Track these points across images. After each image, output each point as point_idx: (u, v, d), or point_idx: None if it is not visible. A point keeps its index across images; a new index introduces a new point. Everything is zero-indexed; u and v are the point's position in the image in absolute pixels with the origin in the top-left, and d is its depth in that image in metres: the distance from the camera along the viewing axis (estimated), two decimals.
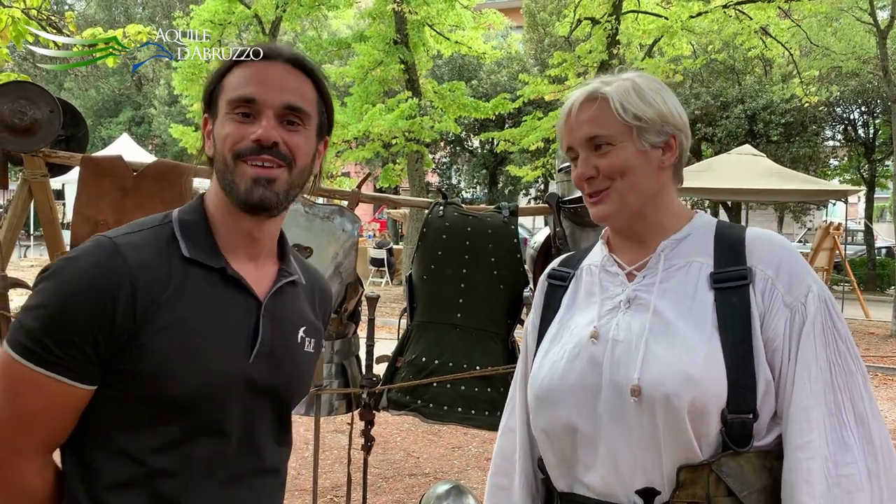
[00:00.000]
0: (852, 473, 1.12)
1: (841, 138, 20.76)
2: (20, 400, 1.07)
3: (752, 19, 12.52)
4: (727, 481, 1.13)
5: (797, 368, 1.16)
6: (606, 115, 1.26)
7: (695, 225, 1.30)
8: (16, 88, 2.90)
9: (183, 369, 1.09)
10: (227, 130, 1.15)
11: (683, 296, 1.22)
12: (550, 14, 20.57)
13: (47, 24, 7.56)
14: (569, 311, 1.36)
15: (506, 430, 1.46)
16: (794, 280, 1.20)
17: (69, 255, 1.11)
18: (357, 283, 2.85)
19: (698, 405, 1.13)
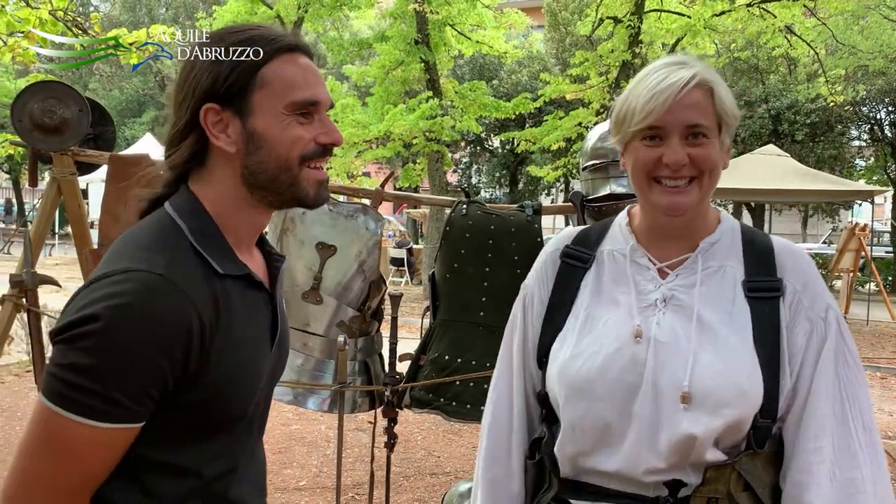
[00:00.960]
0: (856, 477, 1.19)
1: (867, 138, 20.46)
2: (76, 460, 1.00)
3: (777, 18, 12.37)
4: (747, 478, 1.20)
5: (815, 380, 1.22)
6: (709, 105, 1.24)
7: (724, 227, 1.31)
8: (45, 88, 2.94)
9: (238, 385, 1.10)
10: (294, 133, 1.10)
11: (723, 301, 1.24)
12: (572, 13, 20.48)
13: (73, 24, 7.67)
14: (595, 298, 1.33)
15: (499, 402, 1.43)
16: (816, 296, 1.25)
17: (116, 301, 0.97)
18: (380, 282, 2.86)
19: (745, 415, 1.19)
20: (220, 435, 1.12)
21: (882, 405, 7.18)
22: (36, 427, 0.99)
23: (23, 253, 3.01)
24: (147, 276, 1.00)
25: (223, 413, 1.10)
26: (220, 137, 1.10)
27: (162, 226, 1.10)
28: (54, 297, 9.37)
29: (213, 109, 1.10)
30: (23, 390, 6.48)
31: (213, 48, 1.11)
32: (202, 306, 1.03)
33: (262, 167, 1.10)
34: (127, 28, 7.09)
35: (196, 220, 1.11)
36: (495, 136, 22.00)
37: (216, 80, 1.09)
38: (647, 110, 1.22)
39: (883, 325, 12.26)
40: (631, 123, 1.25)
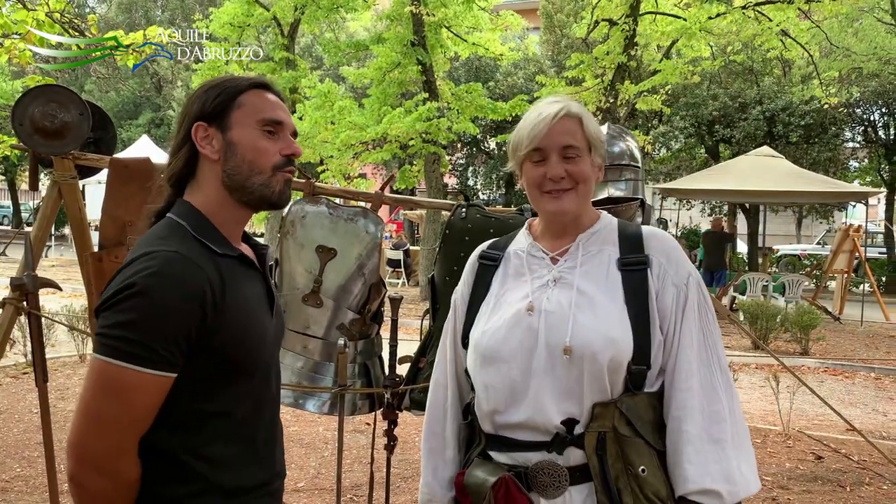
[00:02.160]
0: (719, 409, 1.50)
1: (861, 140, 20.54)
2: (132, 403, 1.27)
3: (772, 21, 12.42)
4: (627, 414, 1.49)
5: (681, 333, 1.53)
6: (580, 131, 1.58)
7: (602, 222, 1.65)
8: (46, 92, 2.96)
9: (245, 339, 1.38)
10: (262, 145, 1.43)
11: (599, 276, 1.56)
12: (567, 15, 20.52)
13: (70, 26, 7.68)
14: (502, 287, 1.65)
15: (436, 385, 1.77)
16: (679, 266, 1.57)
17: (147, 271, 1.27)
18: (380, 284, 2.88)
19: (616, 360, 1.48)
20: (241, 379, 1.40)
21: (876, 405, 7.23)
22: (91, 380, 1.27)
23: (23, 256, 3.02)
24: (167, 253, 1.30)
25: (239, 356, 1.38)
26: (207, 148, 1.42)
27: (169, 226, 1.41)
28: (52, 298, 9.36)
29: (202, 126, 1.42)
30: (20, 392, 6.48)
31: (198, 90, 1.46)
32: (211, 273, 1.33)
33: (237, 170, 1.42)
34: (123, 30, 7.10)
35: (193, 219, 1.41)
36: (491, 138, 22.01)
37: (205, 103, 1.43)
38: (531, 137, 1.57)
39: (877, 326, 12.33)
40: (520, 148, 1.60)
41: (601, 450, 1.47)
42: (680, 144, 20.30)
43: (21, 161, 20.41)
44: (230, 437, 1.39)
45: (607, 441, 1.47)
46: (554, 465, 1.48)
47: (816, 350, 9.78)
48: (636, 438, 1.49)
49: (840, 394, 7.62)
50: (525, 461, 1.51)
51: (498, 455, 1.57)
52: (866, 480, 4.89)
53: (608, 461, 1.47)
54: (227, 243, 1.42)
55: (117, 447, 1.28)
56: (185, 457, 1.34)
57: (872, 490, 4.73)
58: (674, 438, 1.51)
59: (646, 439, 1.50)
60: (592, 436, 1.47)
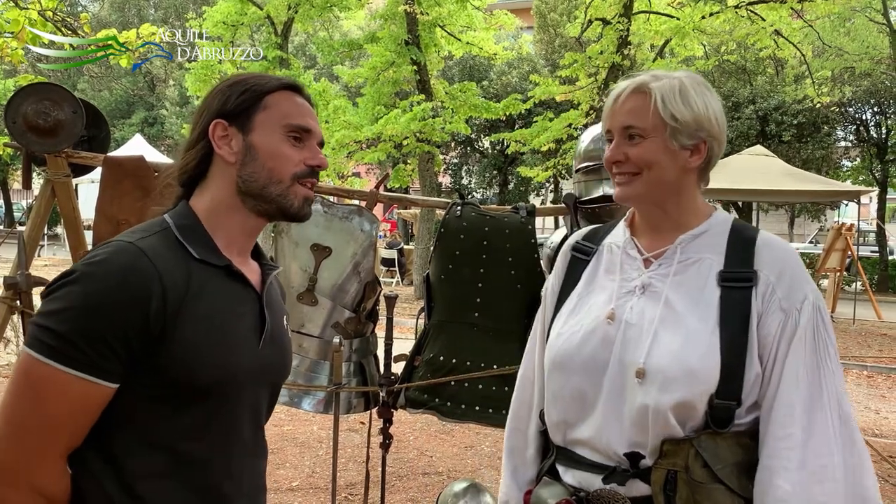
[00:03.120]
0: (827, 464, 1.25)
1: (853, 139, 20.63)
2: (46, 403, 1.10)
3: (765, 20, 12.46)
4: (704, 455, 1.28)
5: (785, 367, 1.29)
6: (645, 109, 1.37)
7: (712, 222, 1.42)
8: (39, 90, 2.94)
9: (209, 359, 1.19)
10: (286, 152, 1.30)
11: (693, 289, 1.36)
12: (561, 15, 20.55)
13: (62, 25, 7.64)
14: (588, 286, 1.49)
15: (523, 379, 1.64)
16: (793, 287, 1.33)
17: (92, 259, 1.15)
18: (375, 283, 2.88)
19: (692, 393, 1.28)
20: (190, 411, 1.19)
21: (869, 403, 7.26)
22: (13, 374, 1.13)
23: (17, 255, 3.00)
24: (120, 244, 1.17)
25: (191, 384, 1.18)
26: (224, 148, 1.28)
27: (152, 222, 1.27)
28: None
29: (222, 124, 1.28)
30: None
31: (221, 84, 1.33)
32: (168, 275, 1.16)
33: (254, 177, 1.28)
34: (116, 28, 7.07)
35: (183, 218, 1.27)
36: (485, 137, 22.03)
37: (227, 99, 1.29)
38: (603, 117, 1.45)
39: (869, 324, 12.38)
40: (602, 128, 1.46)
41: (671, 489, 1.28)
42: None
43: (13, 160, 20.32)
44: (173, 479, 1.18)
45: (678, 482, 1.28)
46: (615, 495, 1.32)
47: None
48: (714, 484, 1.28)
49: None
50: (589, 484, 1.37)
51: (564, 472, 1.43)
52: None
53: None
54: (213, 251, 1.25)
55: (33, 455, 1.10)
56: (112, 489, 1.15)
57: None
58: (762, 491, 1.28)
59: (727, 484, 1.29)
60: (660, 472, 1.29)
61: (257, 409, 1.33)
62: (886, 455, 4.88)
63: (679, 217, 1.42)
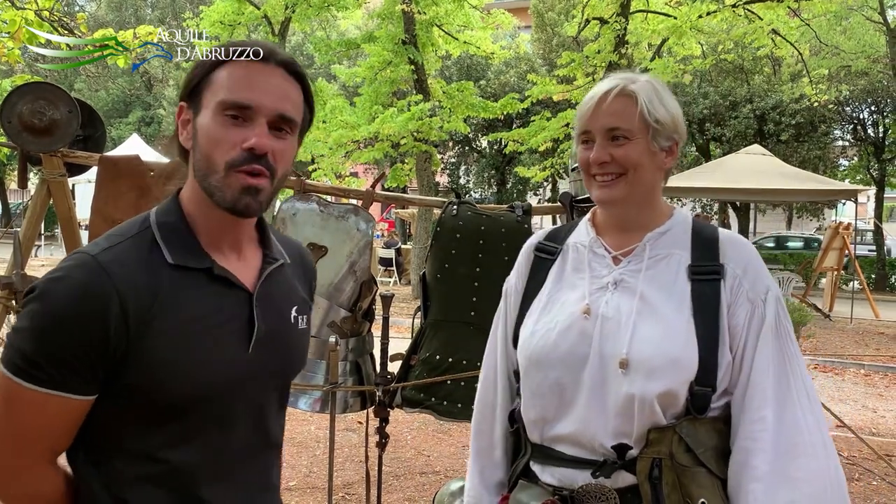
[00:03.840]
0: (799, 442, 1.32)
1: (850, 138, 20.66)
2: (19, 417, 1.09)
3: (762, 19, 12.47)
4: (687, 440, 1.33)
5: (756, 355, 1.36)
6: (631, 111, 1.40)
7: (675, 221, 1.48)
8: (35, 89, 2.94)
9: (180, 375, 1.11)
10: (217, 135, 1.12)
11: (665, 283, 1.40)
12: (559, 14, 20.55)
13: (59, 25, 7.63)
14: (557, 284, 1.51)
15: (485, 381, 1.64)
16: (757, 279, 1.40)
17: (54, 275, 1.09)
18: (371, 282, 2.88)
19: (676, 380, 1.33)
20: (172, 421, 1.14)
21: (866, 402, 7.27)
22: None
23: (12, 255, 3.00)
24: (81, 258, 1.10)
25: (165, 399, 1.12)
26: (182, 133, 1.18)
27: (137, 221, 1.18)
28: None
29: (183, 107, 1.18)
30: None
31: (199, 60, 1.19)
32: (128, 292, 1.08)
33: (198, 164, 1.15)
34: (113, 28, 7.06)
35: (167, 216, 1.17)
36: (483, 137, 22.03)
37: (189, 79, 1.17)
38: (581, 117, 1.44)
39: (866, 323, 12.39)
40: (575, 129, 1.48)
41: (656, 477, 1.33)
42: None
43: (10, 160, 20.30)
44: (156, 485, 1.14)
45: (663, 468, 1.33)
46: (602, 488, 1.34)
47: (806, 347, 9.82)
48: (697, 467, 1.34)
49: (830, 390, 7.66)
50: (571, 480, 1.38)
51: (542, 472, 1.44)
52: (856, 476, 4.92)
53: (664, 490, 1.32)
54: (193, 251, 1.16)
55: (14, 463, 1.12)
56: (101, 494, 1.14)
57: (862, 486, 4.75)
58: (738, 471, 1.34)
59: (708, 467, 1.35)
60: (646, 462, 1.33)
61: (260, 409, 1.25)
62: (883, 453, 4.89)
63: (647, 216, 1.47)
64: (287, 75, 1.18)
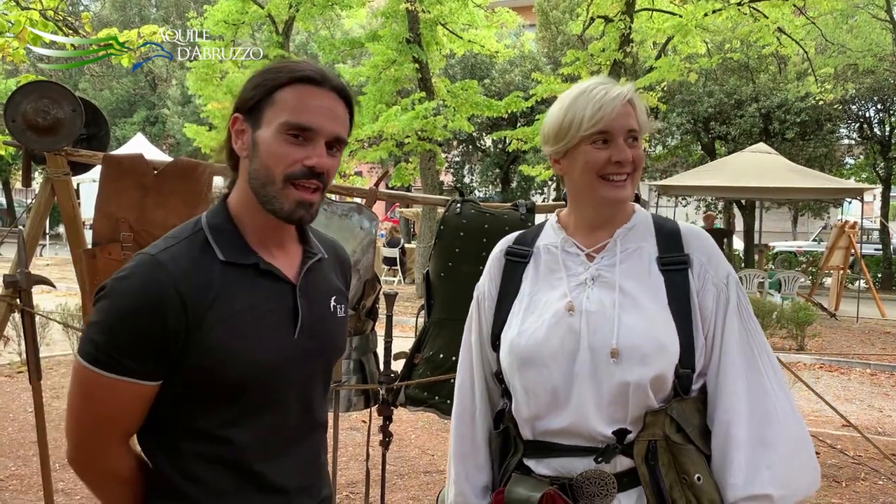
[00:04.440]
0: (770, 409, 1.43)
1: (856, 136, 20.58)
2: (97, 402, 1.25)
3: (768, 17, 12.43)
4: (678, 420, 1.43)
5: (725, 334, 1.46)
6: (639, 115, 1.51)
7: (638, 217, 1.57)
8: (39, 88, 2.93)
9: (235, 358, 1.25)
10: (280, 151, 1.27)
11: (640, 274, 1.49)
12: (563, 12, 20.52)
13: (63, 24, 7.65)
14: (535, 285, 1.56)
15: (462, 388, 1.68)
16: (719, 266, 1.51)
17: (120, 274, 1.24)
18: (375, 281, 2.87)
19: (665, 363, 1.41)
20: (230, 402, 1.27)
21: (872, 401, 7.24)
22: (71, 377, 1.27)
23: (17, 253, 3.00)
24: (143, 257, 1.25)
25: (224, 381, 1.25)
26: (237, 143, 1.32)
27: (187, 224, 1.33)
28: (47, 297, 9.33)
29: (238, 118, 1.32)
30: (14, 391, 6.45)
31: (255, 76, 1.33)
32: (186, 285, 1.22)
33: (256, 174, 1.29)
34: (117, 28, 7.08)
35: (217, 218, 1.32)
36: (487, 136, 22.01)
37: (245, 93, 1.31)
38: (596, 117, 1.46)
39: (872, 322, 12.35)
40: (580, 130, 1.47)
41: (652, 458, 1.41)
42: (676, 141, 20.33)
43: (14, 160, 20.37)
44: (218, 461, 1.28)
45: (658, 449, 1.41)
46: (601, 474, 1.41)
47: (812, 346, 9.80)
48: (688, 445, 1.43)
49: (836, 390, 7.63)
50: (568, 469, 1.44)
51: (537, 465, 1.49)
52: (862, 476, 4.90)
53: (661, 470, 1.40)
54: (241, 249, 1.30)
55: (98, 443, 1.28)
56: (171, 473, 1.28)
57: (868, 485, 4.74)
58: (720, 444, 1.44)
59: (696, 445, 1.44)
60: (642, 444, 1.41)
61: (307, 391, 1.38)
62: (889, 453, 4.87)
63: (619, 214, 1.55)
64: (338, 98, 1.33)
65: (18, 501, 4.14)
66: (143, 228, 2.77)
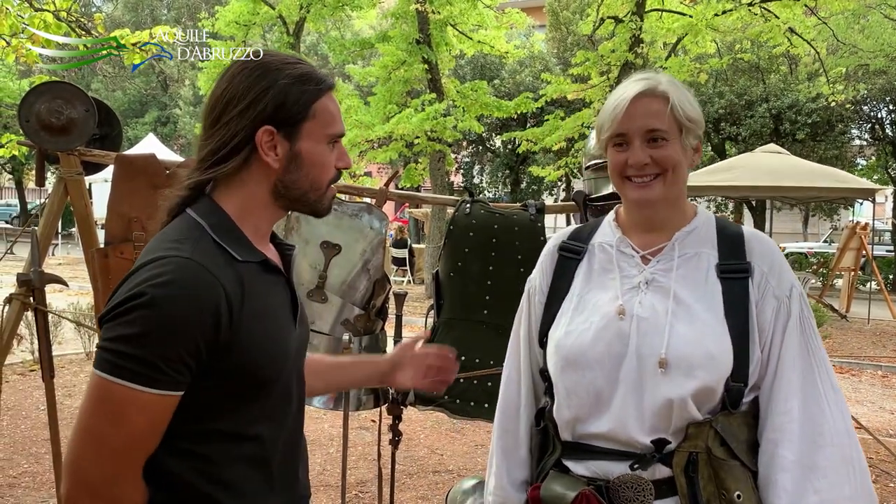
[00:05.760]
0: (824, 432, 1.36)
1: (868, 137, 20.45)
2: (130, 422, 1.14)
3: (779, 18, 12.37)
4: (723, 434, 1.38)
5: (782, 349, 1.40)
6: (664, 111, 1.43)
7: (700, 219, 1.51)
8: (52, 88, 2.96)
9: (267, 354, 1.26)
10: (327, 161, 1.34)
11: (697, 282, 1.43)
12: (573, 13, 20.49)
13: (77, 25, 7.70)
14: (587, 284, 1.52)
15: (509, 381, 1.66)
16: (782, 277, 1.44)
17: (158, 280, 1.14)
18: (384, 280, 2.88)
19: (715, 377, 1.36)
20: (257, 400, 1.27)
21: (883, 403, 7.20)
22: (89, 397, 1.16)
23: (30, 252, 3.03)
24: (178, 259, 1.18)
25: (256, 377, 1.25)
26: (270, 155, 1.29)
27: (185, 225, 1.27)
28: (59, 296, 9.40)
29: (269, 131, 1.28)
30: (27, 389, 6.51)
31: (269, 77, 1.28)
32: (228, 283, 1.20)
33: (296, 184, 1.31)
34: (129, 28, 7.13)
35: (214, 217, 1.28)
36: (497, 136, 22.00)
37: (281, 105, 1.27)
38: (612, 119, 1.44)
39: (884, 324, 12.27)
40: (602, 133, 1.48)
41: (692, 470, 1.37)
42: None
43: (28, 160, 20.52)
44: (245, 460, 1.27)
45: (699, 462, 1.37)
46: (638, 479, 1.38)
47: None
48: (732, 461, 1.38)
49: (847, 391, 7.59)
50: (605, 472, 1.41)
51: (575, 466, 1.45)
52: (872, 478, 4.85)
53: (699, 483, 1.36)
54: (250, 248, 1.29)
55: (116, 472, 1.16)
56: (196, 480, 1.22)
57: (879, 487, 4.71)
58: (767, 463, 1.39)
59: (741, 461, 1.39)
60: (682, 455, 1.37)
61: (301, 378, 1.43)
62: None
63: (675, 215, 1.49)
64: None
65: (31, 499, 4.18)
66: (155, 228, 2.79)
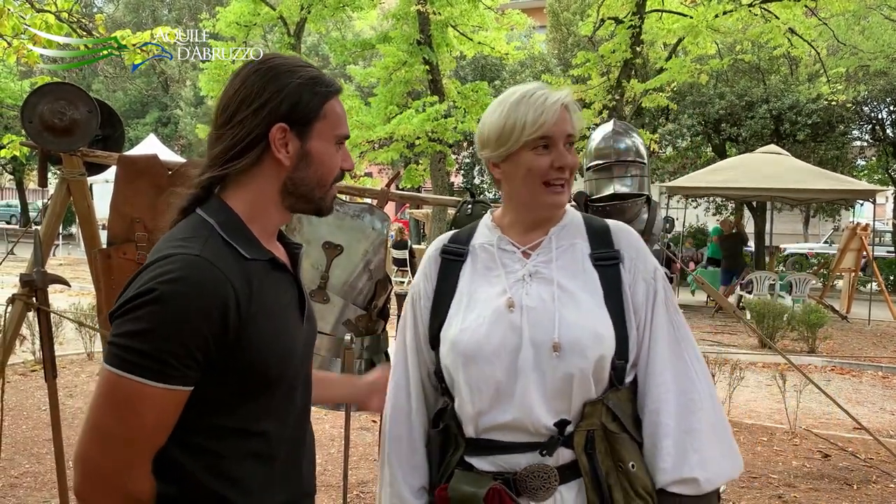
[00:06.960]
0: (695, 398, 1.50)
1: (869, 138, 20.45)
2: (136, 416, 1.17)
3: (779, 18, 12.38)
4: (614, 410, 1.49)
5: (653, 327, 1.53)
6: (574, 121, 1.54)
7: (569, 216, 1.61)
8: (55, 89, 2.97)
9: (275, 351, 1.28)
10: (335, 160, 1.37)
11: (576, 271, 1.54)
12: (574, 14, 20.50)
13: (78, 26, 7.71)
14: (473, 283, 1.59)
15: (397, 388, 1.66)
16: (647, 261, 1.57)
17: (166, 277, 1.17)
18: (386, 281, 2.89)
19: (604, 355, 1.47)
20: (263, 396, 1.29)
21: (884, 405, 7.20)
22: (99, 392, 1.18)
23: (32, 253, 3.04)
24: (187, 257, 1.20)
25: (264, 374, 1.27)
26: (281, 152, 1.31)
27: (194, 223, 1.30)
28: (61, 297, 9.41)
29: (282, 128, 1.30)
30: (29, 389, 6.51)
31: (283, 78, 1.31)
32: (237, 281, 1.22)
33: (304, 181, 1.34)
34: (130, 29, 7.14)
35: (223, 215, 1.30)
36: None
37: (295, 105, 1.31)
38: (539, 123, 1.48)
39: (884, 325, 12.27)
40: (522, 135, 1.50)
41: (590, 448, 1.46)
42: (686, 143, 20.26)
43: (29, 160, 20.55)
44: (251, 456, 1.29)
45: (596, 439, 1.47)
46: (543, 467, 1.45)
47: (823, 349, 9.75)
48: (623, 434, 1.49)
49: (847, 392, 7.60)
50: (512, 465, 1.47)
51: (479, 462, 1.51)
52: (873, 478, 4.88)
53: (598, 458, 1.46)
54: (258, 247, 1.31)
55: (126, 464, 1.18)
56: (205, 476, 1.24)
57: (879, 488, 4.72)
58: (651, 432, 1.51)
59: (630, 433, 1.50)
60: (582, 434, 1.47)
61: (307, 375, 1.45)
62: None
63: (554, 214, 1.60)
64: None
65: (33, 499, 4.19)
66: (158, 228, 2.79)
